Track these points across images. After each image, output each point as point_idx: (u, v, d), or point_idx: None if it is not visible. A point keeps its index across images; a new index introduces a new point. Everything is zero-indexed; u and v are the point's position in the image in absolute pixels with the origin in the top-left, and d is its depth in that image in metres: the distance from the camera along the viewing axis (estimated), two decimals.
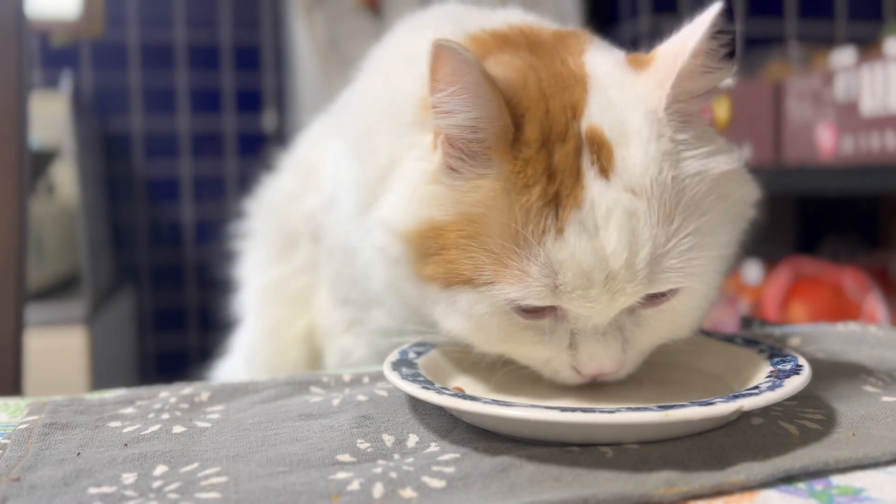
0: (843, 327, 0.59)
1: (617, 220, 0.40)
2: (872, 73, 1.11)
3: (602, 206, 0.40)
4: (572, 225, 0.39)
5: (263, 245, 0.67)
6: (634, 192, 0.40)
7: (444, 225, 0.42)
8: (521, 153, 0.41)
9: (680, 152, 0.42)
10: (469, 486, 0.33)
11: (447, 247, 0.42)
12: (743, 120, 1.39)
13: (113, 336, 1.87)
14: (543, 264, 0.40)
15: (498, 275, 0.40)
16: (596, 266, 0.39)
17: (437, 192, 0.43)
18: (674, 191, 0.41)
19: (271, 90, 2.20)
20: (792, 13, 1.84)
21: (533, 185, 0.40)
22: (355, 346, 0.60)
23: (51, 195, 1.86)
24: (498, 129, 0.41)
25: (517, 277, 0.40)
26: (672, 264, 0.40)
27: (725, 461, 0.34)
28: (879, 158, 1.10)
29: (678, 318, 0.44)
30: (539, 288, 0.40)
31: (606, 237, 0.40)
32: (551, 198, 0.40)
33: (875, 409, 0.40)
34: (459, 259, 0.41)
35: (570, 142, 0.41)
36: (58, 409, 0.44)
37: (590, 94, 0.43)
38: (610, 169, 0.40)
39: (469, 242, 0.41)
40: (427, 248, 0.43)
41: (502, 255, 0.40)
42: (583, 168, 0.40)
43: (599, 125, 0.42)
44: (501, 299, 0.41)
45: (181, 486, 0.34)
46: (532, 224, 0.40)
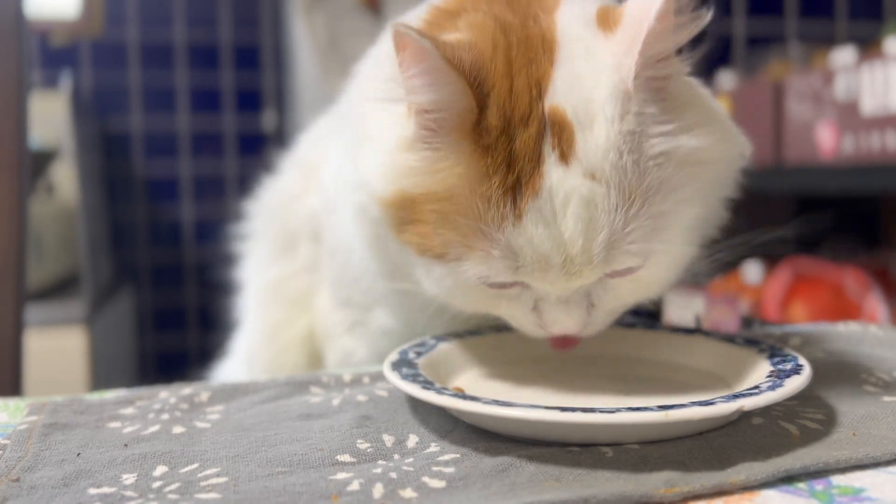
0: (844, 327, 0.59)
1: (574, 207, 0.40)
2: (872, 73, 1.10)
3: (560, 193, 0.40)
4: (530, 213, 0.40)
5: (264, 246, 0.67)
6: (594, 177, 0.40)
7: (415, 198, 0.42)
8: (483, 139, 0.41)
9: (645, 130, 0.41)
10: (469, 487, 0.33)
11: (418, 220, 0.43)
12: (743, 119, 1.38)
13: (112, 336, 1.87)
14: (504, 248, 0.41)
15: (464, 254, 0.42)
16: (553, 251, 0.40)
17: (409, 161, 0.43)
18: (635, 174, 0.40)
19: (271, 90, 2.20)
20: (792, 12, 1.84)
21: (493, 173, 0.40)
22: (356, 347, 0.60)
23: (50, 195, 1.86)
24: (460, 110, 0.41)
25: (481, 258, 0.41)
26: (630, 247, 0.41)
27: (726, 461, 0.34)
28: (880, 158, 1.10)
29: (646, 284, 0.44)
30: (501, 268, 0.41)
31: (563, 224, 0.40)
32: (511, 185, 0.40)
33: (875, 408, 0.40)
34: (429, 234, 0.42)
35: (532, 126, 0.40)
36: (58, 409, 0.44)
37: (556, 68, 0.42)
38: (570, 154, 0.40)
39: (437, 219, 0.42)
40: (401, 217, 0.44)
41: (467, 236, 0.41)
42: (543, 153, 0.40)
43: (562, 105, 0.41)
44: (469, 275, 0.42)
45: (181, 486, 0.34)
46: (493, 211, 0.40)
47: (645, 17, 0.40)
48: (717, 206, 0.48)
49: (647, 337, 0.51)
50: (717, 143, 0.44)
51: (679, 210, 0.42)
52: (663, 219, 0.41)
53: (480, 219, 0.40)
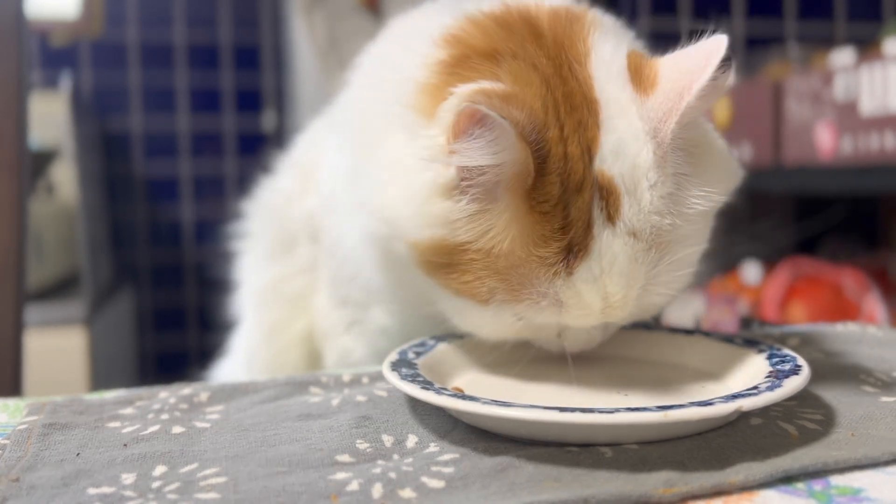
0: (843, 327, 0.59)
1: (619, 265, 0.42)
2: (872, 74, 1.11)
3: (608, 254, 0.42)
4: (581, 272, 0.42)
5: (261, 246, 0.67)
6: (636, 236, 0.42)
7: (456, 245, 0.43)
8: (540, 206, 0.41)
9: (681, 191, 0.43)
10: (468, 487, 0.33)
11: (460, 268, 0.43)
12: (743, 120, 1.39)
13: (112, 336, 1.87)
14: (552, 299, 0.43)
15: (508, 299, 0.43)
16: (596, 302, 0.43)
17: (447, 210, 0.43)
18: (670, 230, 0.43)
19: (271, 90, 2.20)
20: (791, 13, 1.84)
21: (550, 239, 0.41)
22: (355, 346, 0.60)
23: (50, 195, 1.86)
24: (518, 173, 0.41)
25: (527, 306, 0.43)
26: (658, 291, 0.44)
27: (725, 461, 0.34)
28: (879, 158, 1.10)
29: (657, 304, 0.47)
30: (547, 315, 0.44)
31: (609, 279, 0.42)
32: (565, 247, 0.42)
33: (874, 409, 0.40)
34: (472, 283, 0.43)
35: (586, 192, 0.42)
36: (57, 409, 0.44)
37: (602, 132, 0.43)
38: (617, 216, 0.42)
39: (483, 269, 0.43)
40: (437, 262, 0.44)
41: (514, 287, 0.43)
42: (593, 216, 0.42)
43: (610, 171, 0.42)
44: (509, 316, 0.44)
45: (180, 486, 0.34)
46: (545, 269, 0.42)
47: (686, 90, 0.41)
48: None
49: (647, 337, 0.52)
50: (724, 185, 0.46)
51: (697, 252, 0.46)
52: (683, 263, 0.44)
53: (533, 275, 0.42)
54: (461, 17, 0.48)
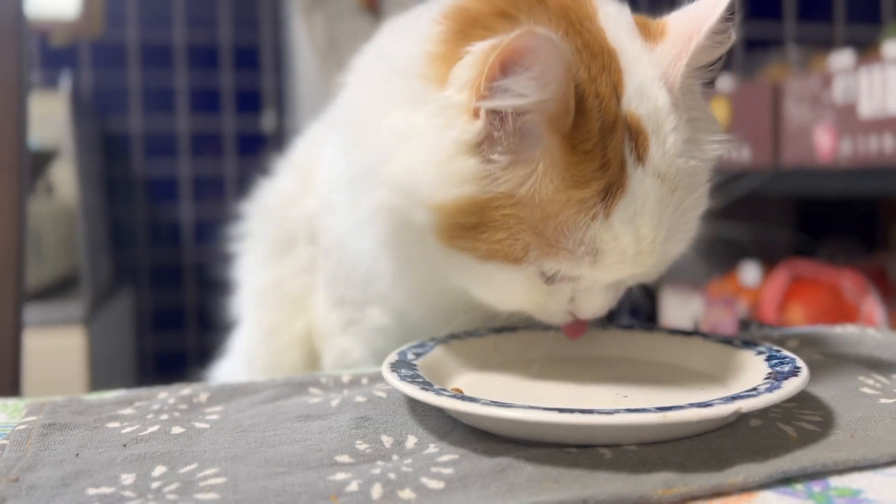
0: (842, 329, 0.59)
1: (651, 206, 0.43)
2: (871, 76, 1.11)
3: (641, 192, 0.43)
4: (618, 212, 0.42)
5: (261, 247, 0.67)
6: (662, 179, 0.43)
7: (486, 202, 0.42)
8: (581, 145, 0.41)
9: (697, 135, 0.45)
10: (468, 487, 0.33)
11: (491, 226, 0.43)
12: (742, 122, 1.39)
13: (111, 336, 1.87)
14: (589, 245, 0.43)
15: (545, 254, 0.43)
16: (631, 245, 0.43)
17: (475, 166, 0.42)
18: (690, 175, 0.44)
19: (271, 90, 2.20)
20: (791, 16, 1.84)
21: (591, 180, 0.42)
22: (353, 346, 0.60)
23: (50, 195, 1.86)
24: (559, 111, 0.40)
25: (563, 256, 0.43)
26: (679, 237, 0.45)
27: (724, 462, 0.34)
28: (877, 161, 1.10)
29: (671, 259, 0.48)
30: (583, 264, 0.43)
31: (641, 221, 0.43)
32: (604, 188, 0.42)
33: (873, 411, 0.40)
34: (505, 241, 0.43)
35: (618, 131, 0.43)
36: (56, 409, 0.44)
37: (625, 76, 0.44)
38: (645, 156, 0.43)
39: (517, 224, 0.42)
40: (462, 223, 0.43)
41: (551, 237, 0.42)
42: (625, 155, 0.43)
43: (637, 112, 0.43)
44: (540, 272, 0.44)
45: (180, 486, 0.34)
46: (584, 212, 0.42)
47: (695, 33, 0.44)
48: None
49: (646, 338, 0.52)
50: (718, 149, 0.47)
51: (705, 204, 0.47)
52: (698, 210, 0.46)
53: (572, 221, 0.42)
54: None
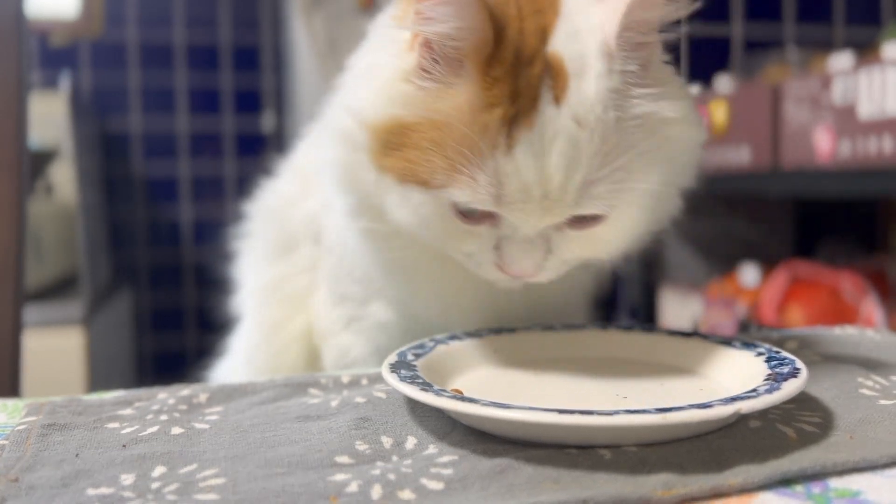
0: (841, 331, 0.59)
1: (560, 145, 0.43)
2: (870, 77, 1.11)
3: (550, 130, 0.43)
4: (522, 144, 0.43)
5: (262, 247, 0.67)
6: (579, 123, 0.43)
7: (409, 125, 0.45)
8: (493, 71, 0.43)
9: (628, 89, 0.44)
10: (467, 488, 0.33)
11: (408, 146, 0.45)
12: (741, 123, 1.39)
13: (111, 336, 1.87)
14: (492, 175, 0.43)
15: (450, 179, 0.44)
16: (536, 183, 0.43)
17: (407, 91, 0.45)
18: (615, 128, 0.44)
19: (270, 91, 2.20)
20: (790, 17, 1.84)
21: (497, 104, 0.43)
22: (354, 343, 0.60)
23: (49, 195, 1.86)
24: (478, 41, 0.43)
25: (467, 184, 0.44)
26: (599, 192, 0.44)
27: (723, 463, 0.34)
28: (877, 162, 1.10)
29: (601, 242, 0.48)
30: (484, 196, 0.44)
31: (549, 158, 0.43)
32: (510, 117, 0.43)
33: (872, 412, 0.41)
34: (418, 160, 0.45)
35: (536, 66, 0.44)
36: (56, 409, 0.44)
37: (559, 20, 0.45)
38: (563, 98, 0.43)
39: (429, 146, 0.44)
40: (389, 143, 0.46)
41: (457, 162, 0.44)
42: (541, 92, 0.43)
43: (560, 54, 0.44)
44: (448, 202, 0.45)
45: (179, 487, 0.34)
46: (488, 138, 0.43)
47: None
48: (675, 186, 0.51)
49: (645, 339, 0.52)
50: (686, 122, 0.47)
51: (645, 172, 0.45)
52: (630, 176, 0.45)
53: (474, 145, 0.43)
54: None
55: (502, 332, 0.52)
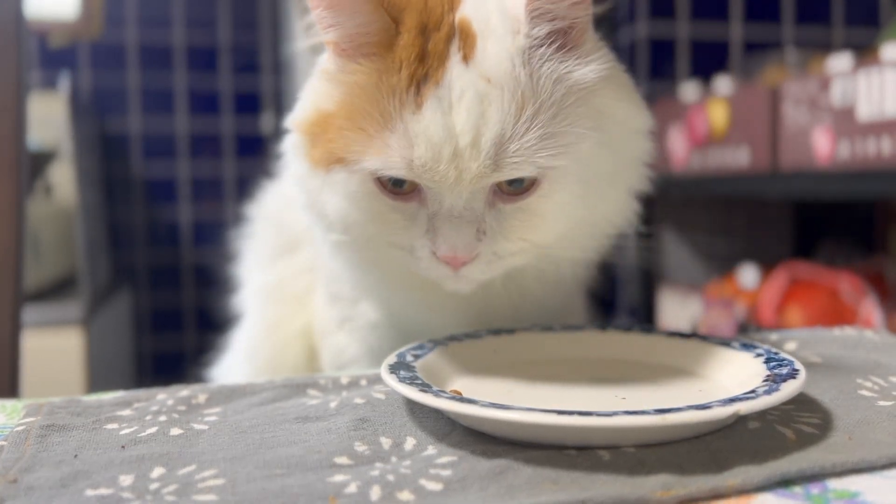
0: (840, 332, 0.59)
1: (468, 100, 0.43)
2: (869, 79, 1.11)
3: (457, 86, 0.43)
4: (430, 101, 0.43)
5: (265, 248, 0.68)
6: (489, 80, 0.43)
7: (330, 112, 0.46)
8: (400, 40, 0.45)
9: (535, 51, 0.45)
10: (466, 489, 0.33)
11: (329, 130, 0.46)
12: (740, 125, 1.39)
13: (110, 337, 1.86)
14: (402, 135, 0.43)
15: (364, 149, 0.44)
16: (445, 141, 0.43)
17: (328, 87, 0.47)
18: (528, 86, 0.44)
19: (270, 92, 2.20)
20: (789, 18, 1.84)
21: (404, 67, 0.44)
22: (348, 343, 0.61)
23: (48, 196, 1.86)
24: (379, 29, 0.45)
25: (379, 149, 0.44)
26: (518, 151, 0.43)
27: (722, 464, 0.34)
28: (875, 164, 1.10)
29: (536, 218, 0.47)
30: (397, 159, 0.44)
31: (457, 115, 0.43)
32: (418, 78, 0.44)
33: (871, 413, 0.41)
34: (335, 139, 0.45)
35: (444, 30, 0.45)
36: (55, 410, 0.44)
37: None
38: (471, 56, 0.44)
39: (344, 122, 0.45)
40: (316, 135, 0.47)
41: (369, 129, 0.44)
42: (450, 52, 0.44)
43: (469, 17, 0.46)
44: (367, 171, 0.45)
45: (178, 488, 0.34)
46: (397, 99, 0.43)
47: None
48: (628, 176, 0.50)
49: (644, 340, 0.52)
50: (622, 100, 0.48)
51: (574, 138, 0.45)
52: (556, 138, 0.44)
53: (384, 109, 0.43)
54: None
55: (501, 333, 0.52)
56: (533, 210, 0.46)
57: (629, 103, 0.49)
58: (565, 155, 0.44)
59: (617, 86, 0.48)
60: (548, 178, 0.45)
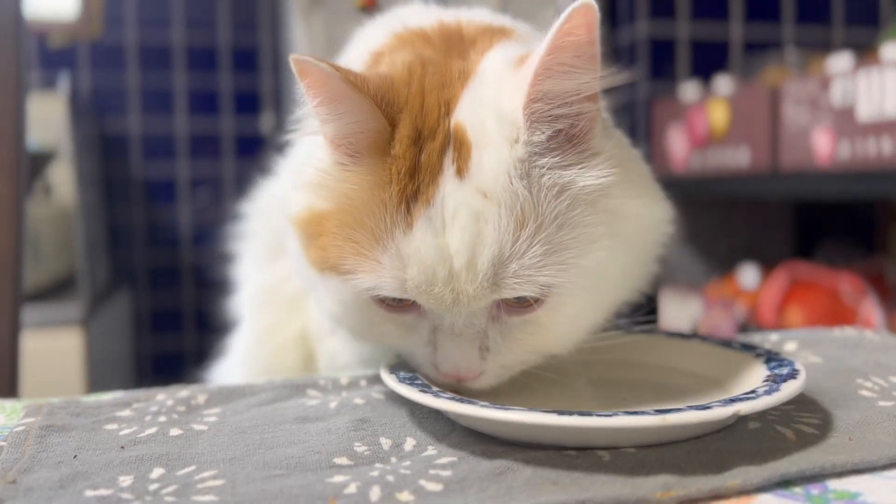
0: (840, 332, 0.59)
1: (462, 219, 0.40)
2: (869, 79, 1.11)
3: (450, 204, 0.40)
4: (421, 220, 0.40)
5: (259, 249, 0.67)
6: (486, 196, 0.40)
7: (323, 213, 0.44)
8: (392, 149, 0.42)
9: (535, 160, 0.41)
10: (466, 490, 0.33)
11: (323, 234, 0.44)
12: (740, 125, 1.39)
13: (109, 337, 1.86)
14: (394, 256, 0.41)
15: (356, 265, 0.42)
16: (439, 263, 0.40)
17: (324, 183, 0.44)
18: (528, 201, 0.40)
19: (269, 92, 2.20)
20: (789, 18, 1.84)
21: (395, 182, 0.41)
22: (340, 349, 0.61)
23: (48, 196, 1.85)
24: (373, 129, 0.42)
25: (371, 268, 0.41)
26: (518, 271, 0.40)
27: (722, 465, 0.34)
28: (875, 164, 1.10)
29: (544, 331, 0.43)
30: (390, 280, 0.41)
31: (451, 235, 0.40)
32: (409, 194, 0.41)
33: (871, 413, 0.41)
34: (328, 246, 0.43)
35: (439, 138, 0.42)
36: (54, 411, 0.44)
37: (465, 92, 0.43)
38: (465, 169, 0.41)
39: (338, 231, 0.43)
40: (310, 234, 0.45)
41: (362, 246, 0.42)
42: (444, 166, 0.41)
43: (464, 123, 0.42)
44: (360, 288, 0.42)
45: (178, 488, 0.34)
46: (388, 218, 0.41)
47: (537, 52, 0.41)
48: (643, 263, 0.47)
49: (644, 341, 0.52)
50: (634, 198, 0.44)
51: (583, 249, 0.41)
52: (561, 254, 0.41)
53: (375, 227, 0.41)
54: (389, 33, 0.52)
55: None
56: (541, 323, 0.43)
57: (645, 197, 0.45)
58: (573, 269, 0.41)
59: (630, 180, 0.44)
60: (554, 293, 0.42)
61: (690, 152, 1.54)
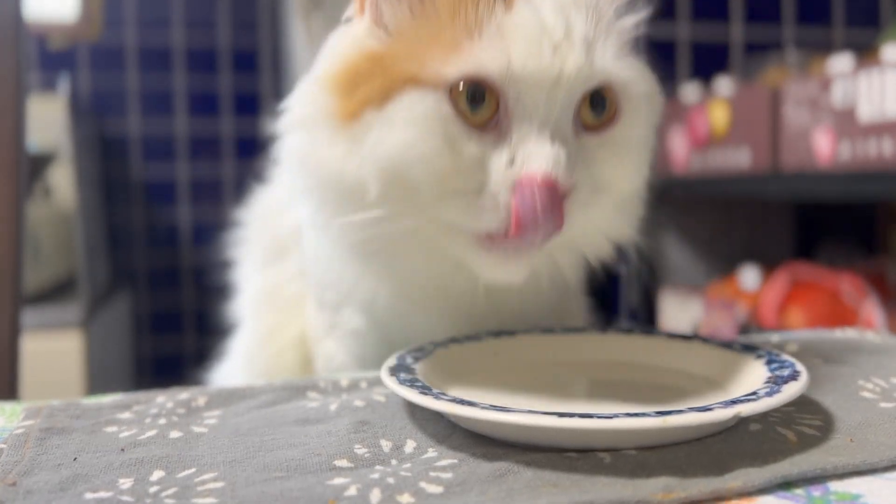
0: (841, 333, 0.59)
1: (551, 1, 0.43)
2: (870, 80, 1.11)
3: None
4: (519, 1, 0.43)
5: (256, 254, 0.68)
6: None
7: (380, 52, 0.44)
8: None
9: None
10: (466, 492, 0.33)
11: (385, 61, 0.44)
12: (741, 125, 1.39)
13: (109, 339, 1.86)
14: (495, 35, 0.42)
15: (447, 55, 0.42)
16: (542, 35, 0.42)
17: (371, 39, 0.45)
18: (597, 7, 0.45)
19: (269, 94, 2.20)
20: (790, 19, 1.84)
21: None
22: (336, 350, 0.61)
23: (48, 198, 1.85)
24: None
25: (469, 52, 0.42)
26: (603, 54, 0.44)
27: (723, 467, 0.34)
28: (876, 165, 1.10)
29: (622, 151, 0.46)
30: (491, 59, 0.42)
31: (546, 14, 0.43)
32: None
33: (873, 415, 0.40)
34: (403, 58, 0.43)
35: None
36: (54, 413, 0.44)
37: None
38: None
39: (416, 37, 0.44)
40: (360, 75, 0.44)
41: (454, 35, 0.42)
42: None
43: None
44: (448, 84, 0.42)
45: (178, 491, 0.34)
46: (483, 3, 0.43)
47: None
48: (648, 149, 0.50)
49: (645, 342, 0.52)
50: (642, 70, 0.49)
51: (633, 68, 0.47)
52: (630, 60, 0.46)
53: (469, 13, 0.42)
54: None
55: (502, 335, 0.52)
56: (617, 142, 0.46)
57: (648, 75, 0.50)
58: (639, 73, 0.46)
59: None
60: (627, 110, 0.46)
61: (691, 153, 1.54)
